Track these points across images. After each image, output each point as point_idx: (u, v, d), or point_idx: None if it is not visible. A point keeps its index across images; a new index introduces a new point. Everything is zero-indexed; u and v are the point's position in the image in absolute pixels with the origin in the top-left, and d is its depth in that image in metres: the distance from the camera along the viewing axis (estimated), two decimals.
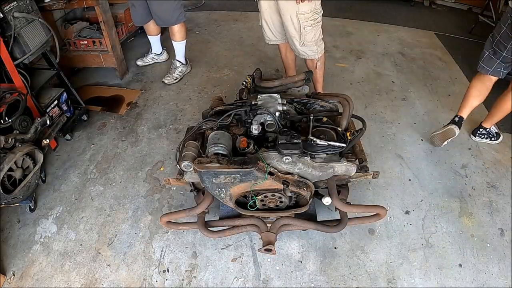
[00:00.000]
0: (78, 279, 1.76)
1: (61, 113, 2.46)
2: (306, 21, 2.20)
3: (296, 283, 1.71)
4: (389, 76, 3.21)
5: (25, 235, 1.96)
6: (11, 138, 1.80)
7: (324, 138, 1.59)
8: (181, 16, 2.92)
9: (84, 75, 3.27)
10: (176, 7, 2.85)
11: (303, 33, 2.26)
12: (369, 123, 2.59)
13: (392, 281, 1.71)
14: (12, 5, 2.03)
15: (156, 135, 2.59)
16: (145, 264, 1.81)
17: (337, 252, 1.83)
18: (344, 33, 4.00)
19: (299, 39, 2.30)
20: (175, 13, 2.87)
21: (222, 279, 1.74)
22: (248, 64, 3.40)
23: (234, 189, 1.53)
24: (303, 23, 2.20)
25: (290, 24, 2.25)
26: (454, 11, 4.80)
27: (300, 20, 2.19)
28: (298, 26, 2.23)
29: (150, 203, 2.11)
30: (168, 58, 3.49)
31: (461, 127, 2.32)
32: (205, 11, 4.63)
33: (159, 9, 2.86)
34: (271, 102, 1.79)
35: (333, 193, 1.62)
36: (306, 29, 2.23)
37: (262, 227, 1.65)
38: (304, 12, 2.17)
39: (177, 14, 2.89)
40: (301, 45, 2.34)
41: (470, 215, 2.00)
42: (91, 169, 2.35)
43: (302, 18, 2.19)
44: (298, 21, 2.21)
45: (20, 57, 2.13)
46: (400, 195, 2.11)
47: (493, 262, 1.77)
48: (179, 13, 2.90)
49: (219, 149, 1.54)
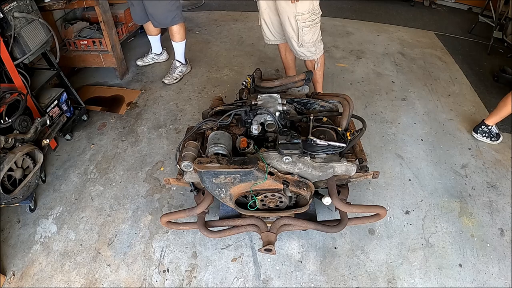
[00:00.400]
0: (78, 279, 1.76)
1: (61, 113, 2.46)
2: (304, 21, 2.19)
3: (296, 283, 1.71)
4: (389, 76, 3.21)
5: (25, 235, 1.96)
6: (11, 138, 1.80)
7: (324, 138, 1.59)
8: (176, 18, 2.90)
9: (84, 75, 3.27)
10: (171, 8, 2.82)
11: (300, 34, 2.25)
12: (369, 123, 2.59)
13: (392, 281, 1.71)
14: (12, 5, 2.03)
15: (156, 135, 2.59)
16: (145, 264, 1.81)
17: (337, 252, 1.83)
18: (344, 33, 4.00)
19: (297, 40, 2.30)
20: (169, 15, 2.86)
21: (222, 279, 1.74)
22: (248, 64, 3.40)
23: (234, 189, 1.53)
24: (301, 23, 2.20)
25: (288, 24, 2.24)
26: (454, 11, 4.80)
27: (298, 20, 2.19)
28: (296, 27, 2.23)
29: (150, 203, 2.11)
30: (168, 58, 3.49)
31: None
32: (205, 11, 4.63)
33: (154, 10, 2.87)
34: (271, 102, 1.79)
35: (333, 193, 1.62)
36: (303, 30, 2.23)
37: (262, 227, 1.65)
38: (301, 13, 2.16)
39: (172, 16, 2.87)
40: (299, 46, 2.33)
41: (470, 215, 2.00)
42: (91, 169, 2.35)
43: (300, 19, 2.18)
44: (296, 22, 2.20)
45: (20, 57, 2.13)
46: (400, 195, 2.11)
47: (493, 262, 1.77)
48: (174, 15, 2.87)
49: (219, 149, 1.54)
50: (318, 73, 2.52)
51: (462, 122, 2.65)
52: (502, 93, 2.51)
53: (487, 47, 3.68)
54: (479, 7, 4.40)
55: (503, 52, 3.68)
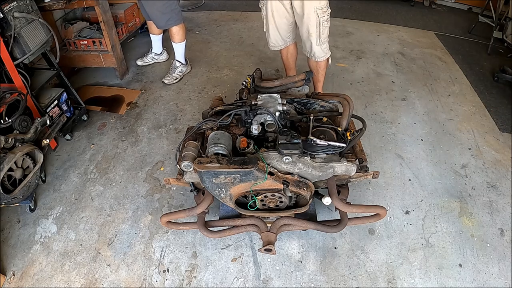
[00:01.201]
0: (78, 279, 1.76)
1: (61, 113, 2.46)
2: (323, 15, 2.19)
3: (296, 283, 1.71)
4: (389, 76, 3.21)
5: (25, 235, 1.96)
6: (11, 138, 1.80)
7: (324, 138, 1.59)
8: (171, 21, 2.88)
9: (84, 75, 3.27)
10: (165, 11, 2.81)
11: (321, 30, 2.24)
12: (369, 123, 2.59)
13: (392, 281, 1.71)
14: (12, 5, 2.03)
15: (156, 135, 2.59)
16: (145, 264, 1.81)
17: (337, 252, 1.83)
18: (344, 33, 4.00)
19: (318, 37, 2.27)
20: (164, 17, 2.85)
21: (222, 279, 1.74)
22: (248, 64, 3.40)
23: (234, 189, 1.53)
24: (321, 18, 2.19)
25: (308, 23, 2.23)
26: (454, 11, 4.80)
27: (319, 15, 2.18)
28: (317, 22, 2.21)
29: (150, 203, 2.11)
30: (168, 58, 3.49)
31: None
32: (205, 11, 4.63)
33: (150, 11, 2.88)
34: (271, 102, 1.79)
35: (333, 193, 1.62)
36: (323, 25, 2.23)
37: (262, 227, 1.65)
38: (321, 7, 2.17)
39: (166, 18, 2.86)
40: (318, 43, 2.30)
41: (470, 215, 2.00)
42: (91, 169, 2.35)
43: (320, 13, 2.18)
44: (317, 17, 2.19)
45: (20, 57, 2.13)
46: (400, 195, 2.11)
47: (493, 262, 1.77)
48: (168, 17, 2.86)
49: (219, 149, 1.54)
50: (322, 73, 2.51)
51: (462, 122, 2.65)
52: (502, 93, 2.51)
53: (487, 47, 3.68)
54: (479, 7, 4.40)
55: (503, 52, 3.68)
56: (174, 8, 2.85)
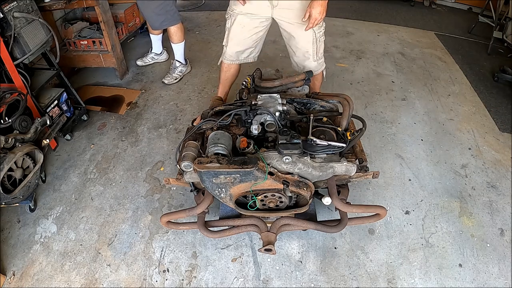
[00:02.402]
0: (78, 279, 1.76)
1: (61, 113, 2.46)
2: (320, 30, 2.09)
3: (296, 283, 1.71)
4: (389, 76, 3.21)
5: (25, 235, 1.96)
6: (11, 138, 1.80)
7: (324, 138, 1.59)
8: (166, 22, 2.87)
9: (84, 75, 3.27)
10: (160, 12, 2.80)
11: (318, 45, 2.13)
12: (369, 123, 2.59)
13: (392, 281, 1.71)
14: (12, 5, 2.03)
15: (156, 135, 2.59)
16: (145, 264, 1.81)
17: (337, 252, 1.83)
18: (344, 33, 4.00)
19: (315, 53, 2.15)
20: (158, 18, 2.84)
21: (222, 279, 1.74)
22: (248, 64, 3.39)
23: (234, 189, 1.53)
24: (318, 33, 2.09)
25: (305, 40, 2.11)
26: (454, 11, 4.81)
27: (315, 30, 2.06)
28: (314, 39, 2.10)
29: (150, 203, 2.11)
30: (168, 58, 3.49)
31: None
32: (205, 11, 4.63)
33: (144, 11, 2.88)
34: (271, 102, 1.79)
35: (333, 193, 1.62)
36: (320, 40, 2.12)
37: (262, 227, 1.65)
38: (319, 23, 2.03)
39: (161, 19, 2.85)
40: (315, 59, 2.19)
41: (470, 215, 2.00)
42: (91, 169, 2.35)
43: (316, 29, 2.05)
44: (314, 33, 2.08)
45: (20, 57, 2.13)
46: (400, 195, 2.11)
47: (493, 262, 1.77)
48: (164, 18, 2.84)
49: (219, 149, 1.54)
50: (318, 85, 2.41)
51: (462, 122, 2.65)
52: (502, 93, 2.51)
53: (487, 47, 3.68)
54: (479, 7, 4.41)
55: (503, 52, 3.69)
56: (170, 9, 2.83)
